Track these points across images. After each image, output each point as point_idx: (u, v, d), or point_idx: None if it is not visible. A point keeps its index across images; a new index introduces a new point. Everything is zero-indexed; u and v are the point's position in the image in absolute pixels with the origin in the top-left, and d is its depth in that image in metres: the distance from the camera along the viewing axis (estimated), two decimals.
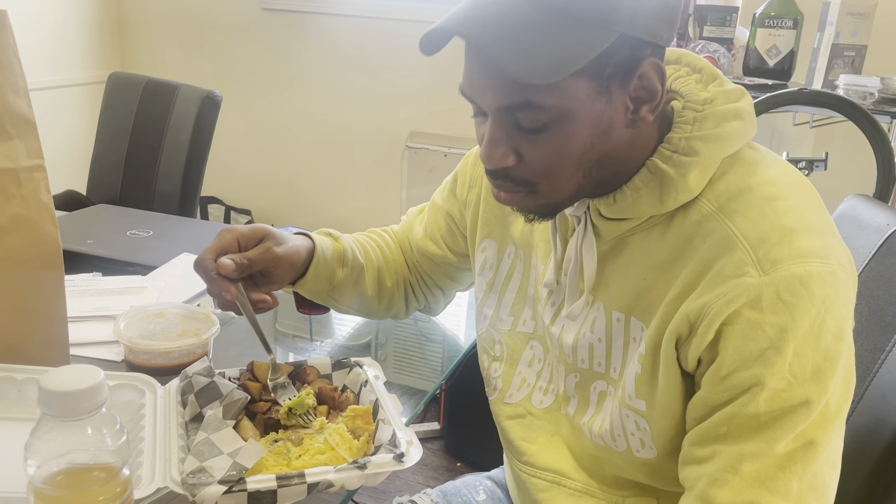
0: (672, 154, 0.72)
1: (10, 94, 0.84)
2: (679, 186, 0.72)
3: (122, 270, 1.27)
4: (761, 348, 0.66)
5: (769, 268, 0.66)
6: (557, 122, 0.68)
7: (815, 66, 1.99)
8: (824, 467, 0.68)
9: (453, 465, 2.22)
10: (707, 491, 0.68)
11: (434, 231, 1.02)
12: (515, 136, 0.71)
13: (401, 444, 0.75)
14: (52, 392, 0.53)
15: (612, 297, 0.78)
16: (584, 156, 0.71)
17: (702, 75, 0.76)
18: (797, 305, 0.65)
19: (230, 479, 0.69)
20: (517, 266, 0.91)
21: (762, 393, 0.66)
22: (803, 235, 0.68)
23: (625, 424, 0.77)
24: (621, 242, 0.77)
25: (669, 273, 0.73)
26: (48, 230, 0.86)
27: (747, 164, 0.74)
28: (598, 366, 0.80)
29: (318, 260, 0.93)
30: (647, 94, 0.70)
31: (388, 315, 1.07)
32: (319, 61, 2.81)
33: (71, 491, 0.54)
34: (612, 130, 0.70)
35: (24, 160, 0.85)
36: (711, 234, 0.70)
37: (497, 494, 1.04)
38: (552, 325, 0.84)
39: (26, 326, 0.86)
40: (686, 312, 0.69)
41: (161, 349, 0.94)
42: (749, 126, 0.74)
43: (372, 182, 2.87)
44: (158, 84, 2.05)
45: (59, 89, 2.75)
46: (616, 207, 0.75)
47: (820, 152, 1.76)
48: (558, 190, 0.73)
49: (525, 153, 0.71)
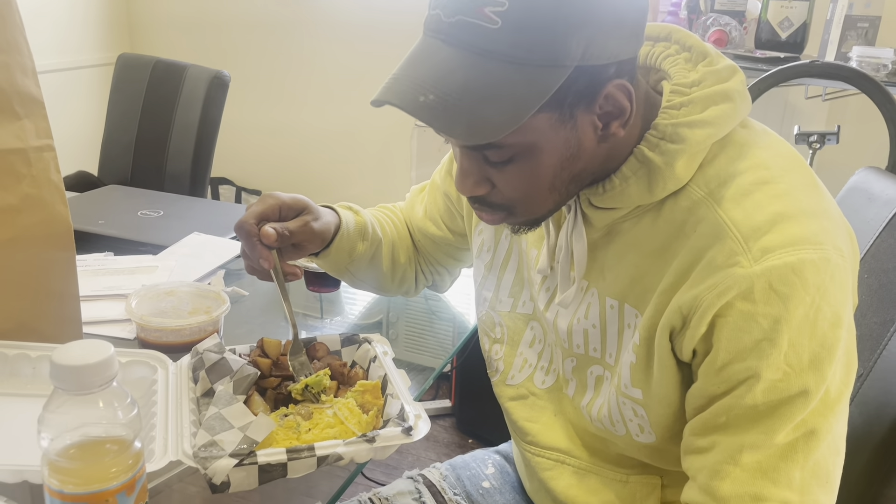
0: (659, 141, 0.70)
1: (19, 75, 0.84)
2: (667, 175, 0.70)
3: (134, 250, 1.28)
4: (755, 340, 0.65)
5: (760, 257, 0.65)
6: (523, 155, 0.68)
7: (827, 38, 1.96)
8: (827, 454, 0.67)
9: (465, 441, 2.24)
10: (710, 483, 0.68)
11: (433, 212, 1.02)
12: (484, 167, 0.70)
13: (409, 418, 0.76)
14: (64, 366, 0.53)
15: (606, 284, 0.77)
16: (555, 179, 0.70)
17: (691, 53, 0.74)
18: (790, 295, 0.64)
19: (241, 453, 0.70)
20: (514, 247, 0.90)
21: (759, 384, 0.65)
22: (795, 221, 0.66)
23: (622, 411, 0.77)
24: (613, 230, 0.76)
25: (662, 261, 0.72)
26: (59, 209, 0.87)
27: (738, 146, 0.71)
28: (593, 351, 0.80)
29: (342, 234, 0.93)
30: (616, 111, 0.68)
31: (399, 291, 1.07)
32: (328, 40, 2.80)
33: (84, 463, 0.55)
34: (581, 151, 0.69)
35: (34, 140, 0.85)
36: (702, 221, 0.69)
37: (505, 468, 1.05)
38: (546, 311, 0.84)
39: (39, 305, 0.87)
40: (679, 304, 0.68)
41: (172, 327, 0.95)
42: (740, 107, 0.71)
43: (381, 161, 2.87)
44: (167, 65, 2.05)
45: (70, 71, 2.76)
46: (605, 197, 0.73)
47: (832, 125, 1.74)
48: (535, 211, 0.73)
49: (497, 182, 0.71)
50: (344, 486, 0.81)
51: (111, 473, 0.55)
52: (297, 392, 0.82)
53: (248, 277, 1.25)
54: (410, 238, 1.06)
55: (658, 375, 0.72)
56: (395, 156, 2.83)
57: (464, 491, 1.01)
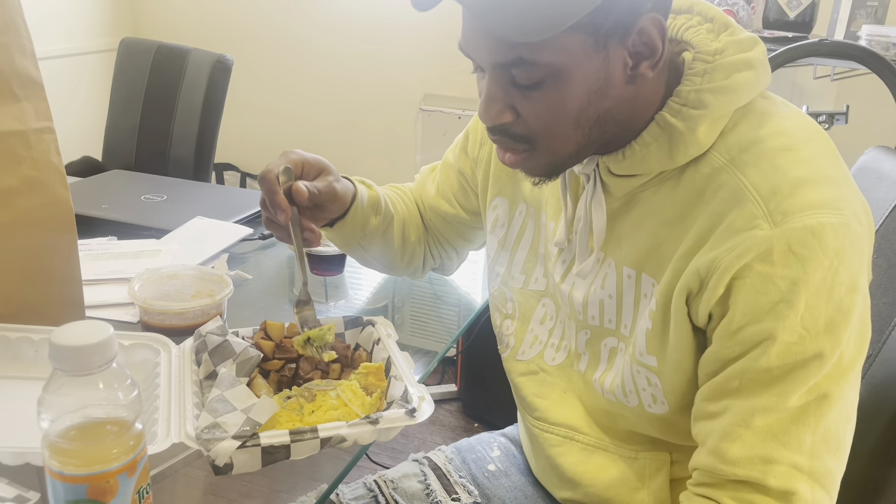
0: (681, 107, 0.70)
1: (17, 56, 0.84)
2: (689, 140, 0.70)
3: (137, 234, 1.28)
4: (772, 302, 0.65)
5: (780, 220, 0.65)
6: (552, 79, 0.67)
7: (836, 17, 1.94)
8: (838, 420, 0.67)
9: (470, 425, 2.24)
10: (719, 445, 0.68)
11: (446, 190, 1.02)
12: (512, 92, 0.70)
13: (413, 400, 0.76)
14: (63, 347, 0.53)
15: (623, 254, 0.77)
16: (581, 113, 0.69)
17: (713, 24, 0.74)
18: (809, 258, 0.64)
19: (244, 435, 0.69)
20: (528, 224, 0.90)
21: (774, 347, 0.65)
22: (816, 186, 0.66)
23: (636, 380, 0.77)
24: (632, 199, 0.76)
25: (680, 228, 0.72)
26: (59, 192, 0.86)
27: (759, 114, 0.72)
28: (608, 322, 0.80)
29: (357, 204, 0.93)
30: (646, 50, 0.68)
31: (407, 271, 1.06)
32: (331, 24, 2.78)
33: (84, 444, 0.54)
34: (610, 88, 0.69)
35: (34, 122, 0.85)
36: (722, 187, 0.69)
37: (511, 451, 1.05)
38: (562, 283, 0.84)
39: (41, 288, 0.87)
40: (696, 267, 0.69)
41: (175, 310, 0.94)
42: (762, 76, 0.72)
43: (386, 145, 2.86)
44: (170, 49, 2.04)
45: (72, 57, 2.75)
46: (625, 164, 0.73)
47: (841, 106, 1.72)
48: (558, 148, 0.72)
49: (522, 110, 0.70)
50: (347, 469, 0.81)
51: (112, 455, 0.55)
52: (299, 345, 0.82)
53: (251, 261, 1.25)
54: (420, 218, 1.06)
55: (673, 341, 0.72)
56: (400, 140, 2.82)
57: (469, 474, 1.01)
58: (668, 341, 0.73)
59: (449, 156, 1.03)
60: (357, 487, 0.99)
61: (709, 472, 0.69)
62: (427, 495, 0.97)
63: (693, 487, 0.72)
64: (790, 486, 0.65)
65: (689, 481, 0.73)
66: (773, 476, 0.66)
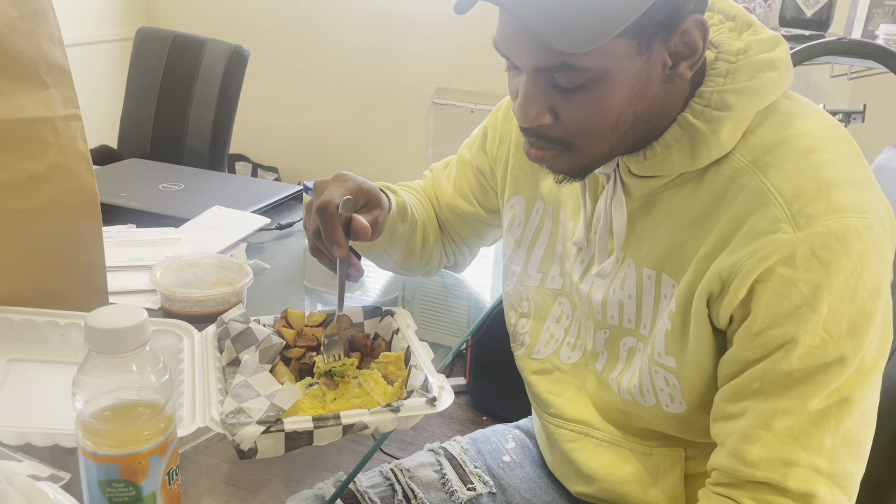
0: (704, 109, 0.70)
1: (46, 43, 0.84)
2: (711, 142, 0.70)
3: (156, 222, 1.29)
4: (795, 305, 0.65)
5: (804, 224, 0.65)
6: (596, 83, 0.67)
7: (854, 15, 1.93)
8: (859, 423, 0.67)
9: (479, 418, 2.25)
10: (739, 447, 0.68)
11: (464, 187, 1.01)
12: (552, 94, 0.69)
13: (433, 389, 0.76)
14: (99, 329, 0.54)
15: (643, 255, 0.77)
16: (620, 116, 0.69)
17: (736, 23, 0.74)
18: (833, 262, 0.64)
19: (268, 420, 0.70)
20: (545, 222, 0.90)
21: (795, 350, 0.65)
22: (840, 189, 0.66)
23: (654, 380, 0.77)
24: (652, 199, 0.76)
25: (701, 229, 0.72)
26: (85, 179, 0.87)
27: (783, 115, 0.71)
28: (627, 322, 0.80)
29: (388, 218, 0.90)
30: (687, 51, 0.68)
31: (423, 271, 1.06)
32: (345, 16, 2.78)
33: (118, 425, 0.55)
34: (648, 89, 0.68)
35: (61, 109, 0.85)
36: (744, 189, 0.69)
37: (526, 443, 1.06)
38: (581, 283, 0.84)
39: (66, 274, 0.88)
40: (718, 269, 0.68)
41: (197, 297, 0.95)
42: (785, 76, 0.72)
43: (397, 139, 2.86)
44: (186, 39, 2.04)
45: (88, 46, 2.76)
46: (646, 165, 0.73)
47: (857, 105, 1.72)
48: (593, 150, 0.72)
49: (561, 112, 0.69)
50: (366, 458, 0.81)
51: (144, 436, 0.56)
52: (318, 371, 0.81)
53: (268, 251, 1.25)
54: (436, 217, 1.06)
55: (693, 342, 0.72)
56: (412, 133, 2.82)
57: (484, 464, 1.02)
58: (688, 342, 0.73)
59: (465, 153, 1.02)
60: (373, 476, 1.00)
61: (728, 473, 0.69)
62: (443, 484, 0.98)
63: (712, 487, 0.72)
64: (810, 488, 0.66)
65: (709, 480, 0.73)
66: (793, 478, 0.66)
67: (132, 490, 0.56)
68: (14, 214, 0.83)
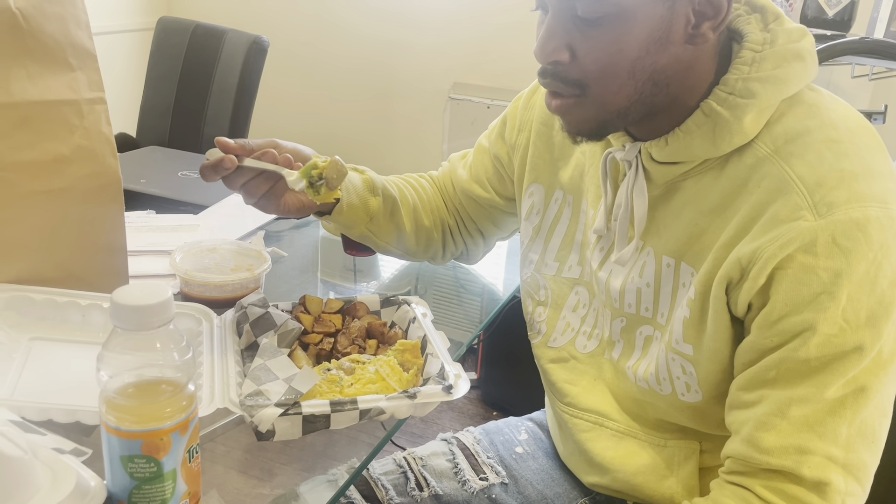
0: (728, 96, 0.70)
1: (73, 27, 0.85)
2: (734, 129, 0.70)
3: (175, 209, 1.30)
4: (814, 293, 0.65)
5: (825, 212, 0.65)
6: (615, 18, 0.67)
7: (876, 15, 1.92)
8: (874, 414, 0.67)
9: (489, 413, 2.25)
10: (754, 434, 0.68)
11: (480, 174, 1.02)
12: (571, 30, 0.70)
13: (449, 377, 0.77)
14: (125, 306, 0.55)
15: (662, 242, 0.77)
16: (637, 61, 0.69)
17: (762, 14, 0.74)
18: (853, 250, 0.64)
19: (286, 403, 0.71)
20: (564, 211, 0.90)
21: (814, 338, 0.65)
22: (863, 179, 0.66)
23: (671, 368, 0.77)
24: (673, 187, 0.76)
25: (722, 218, 0.72)
26: (109, 162, 0.88)
27: (807, 106, 0.72)
28: (644, 311, 0.80)
29: (345, 187, 0.93)
30: (710, 10, 0.68)
31: (426, 256, 1.07)
32: (362, 9, 2.79)
33: (140, 401, 0.56)
34: (669, 42, 0.69)
35: (87, 92, 0.86)
36: (767, 177, 0.69)
37: (539, 435, 1.06)
38: (600, 270, 0.84)
39: (89, 255, 0.89)
40: (738, 256, 0.69)
41: (216, 282, 0.96)
42: (810, 67, 0.72)
43: (413, 134, 2.87)
44: (207, 29, 2.06)
45: (109, 35, 2.78)
46: (668, 150, 0.74)
47: (878, 106, 1.71)
48: (609, 97, 0.71)
49: (579, 50, 0.70)
50: (379, 446, 0.82)
51: (166, 413, 0.56)
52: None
53: (285, 239, 1.26)
54: (443, 203, 1.06)
55: (711, 330, 0.72)
56: (428, 128, 2.82)
57: (497, 455, 1.02)
58: (706, 330, 0.73)
59: (483, 141, 1.03)
60: (387, 463, 1.01)
61: (742, 461, 0.70)
62: (455, 473, 0.99)
63: (725, 475, 0.72)
64: (824, 476, 0.66)
65: (721, 469, 0.73)
66: (808, 466, 0.66)
67: (153, 466, 0.57)
68: (38, 195, 0.84)
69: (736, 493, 0.69)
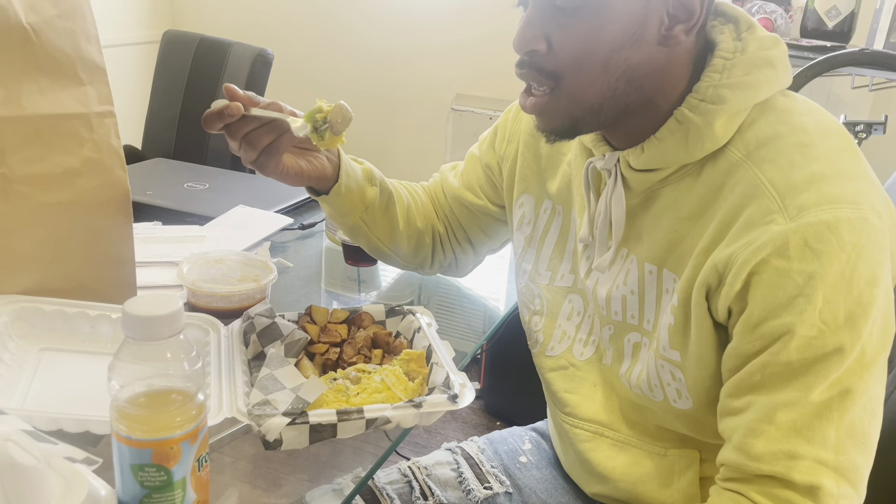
0: (699, 102, 0.72)
1: (83, 41, 0.87)
2: (706, 134, 0.71)
3: (181, 220, 1.31)
4: (790, 296, 0.65)
5: (796, 214, 0.66)
6: (592, 9, 0.69)
7: (876, 27, 1.93)
8: (863, 414, 0.67)
9: (493, 423, 2.26)
10: (744, 441, 0.68)
11: (472, 182, 1.03)
12: (549, 21, 0.71)
13: (454, 386, 0.78)
14: (136, 316, 0.56)
15: (644, 250, 0.78)
16: (611, 55, 0.70)
17: (736, 24, 0.75)
18: (825, 252, 0.64)
19: (293, 412, 0.72)
20: (554, 221, 0.91)
21: (793, 341, 0.65)
22: (833, 181, 0.67)
23: (661, 375, 0.78)
24: (652, 194, 0.77)
25: (700, 223, 0.73)
26: (118, 174, 0.89)
27: (778, 111, 0.73)
28: (631, 318, 0.81)
29: (346, 168, 0.95)
30: (683, 13, 0.70)
31: (415, 261, 1.07)
32: (366, 21, 2.81)
33: (151, 411, 0.57)
34: (643, 41, 0.70)
35: (96, 106, 0.88)
36: (740, 182, 0.70)
37: (542, 445, 1.06)
38: (587, 279, 0.85)
39: (97, 267, 0.90)
40: (714, 262, 0.69)
41: (222, 293, 0.97)
42: (781, 74, 0.73)
43: (416, 145, 2.88)
44: (212, 42, 2.08)
45: (114, 48, 2.80)
46: (644, 158, 0.75)
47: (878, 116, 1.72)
48: (582, 90, 0.73)
49: (555, 40, 0.72)
50: (384, 456, 0.82)
51: (176, 422, 0.57)
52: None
53: (291, 250, 1.27)
54: (434, 211, 1.07)
55: (695, 336, 0.73)
56: (431, 139, 2.84)
57: (501, 464, 1.02)
58: (690, 336, 0.74)
59: (475, 150, 1.04)
60: (392, 472, 1.01)
61: (736, 468, 0.70)
62: (459, 483, 0.99)
63: (722, 482, 0.73)
64: (815, 480, 0.66)
65: (718, 476, 0.74)
66: (798, 471, 0.66)
67: (163, 474, 0.57)
68: (49, 207, 0.85)
69: (733, 499, 0.70)
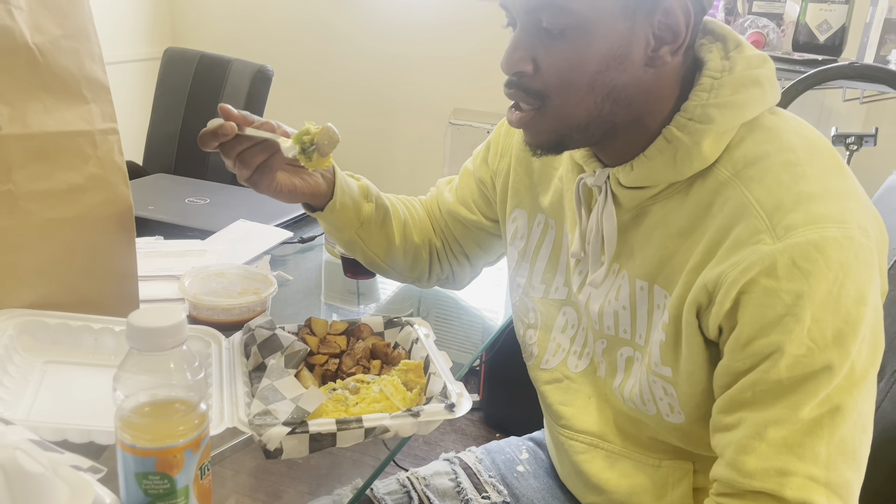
0: (688, 121, 0.73)
1: (87, 61, 0.89)
2: (693, 153, 0.72)
3: (182, 235, 1.33)
4: (779, 315, 0.66)
5: (783, 234, 0.66)
6: (577, 31, 0.70)
7: (866, 41, 1.96)
8: (853, 431, 0.67)
9: (492, 435, 2.26)
10: (736, 458, 0.69)
11: (466, 196, 1.04)
12: (536, 43, 0.73)
13: (452, 396, 0.79)
14: (140, 328, 0.57)
15: (635, 266, 0.79)
16: (597, 76, 0.71)
17: (724, 43, 0.76)
18: (813, 271, 0.65)
19: (294, 422, 0.73)
20: (547, 234, 0.92)
21: (782, 359, 0.66)
22: (820, 200, 0.68)
23: (653, 389, 0.79)
24: (642, 211, 0.78)
25: (690, 241, 0.74)
26: (121, 190, 0.91)
27: (766, 130, 0.73)
28: (623, 332, 0.82)
29: (340, 185, 0.96)
30: (669, 35, 0.71)
31: (412, 275, 1.08)
32: (364, 38, 2.84)
33: (155, 420, 0.58)
34: (629, 61, 0.71)
35: (100, 123, 0.90)
36: (728, 201, 0.71)
37: (539, 454, 1.08)
38: (579, 294, 0.86)
39: (101, 281, 0.92)
40: (704, 282, 0.70)
41: (223, 305, 0.99)
42: (769, 93, 0.74)
43: (414, 159, 2.90)
44: (212, 58, 2.10)
45: (116, 65, 2.83)
46: (634, 175, 0.76)
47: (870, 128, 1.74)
48: (568, 109, 0.74)
49: (542, 62, 0.73)
50: (383, 465, 0.84)
51: (179, 431, 0.59)
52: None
53: (291, 263, 1.29)
54: (430, 226, 1.09)
55: (686, 353, 0.74)
56: (429, 153, 2.86)
57: (499, 474, 1.04)
58: (682, 353, 0.75)
59: (469, 165, 1.05)
60: (390, 483, 1.02)
61: (728, 484, 0.70)
62: (458, 493, 1.00)
63: (715, 497, 0.73)
64: (807, 497, 0.66)
65: (712, 490, 0.74)
66: (790, 488, 0.66)
67: (167, 483, 0.59)
68: (53, 223, 0.86)
69: None
